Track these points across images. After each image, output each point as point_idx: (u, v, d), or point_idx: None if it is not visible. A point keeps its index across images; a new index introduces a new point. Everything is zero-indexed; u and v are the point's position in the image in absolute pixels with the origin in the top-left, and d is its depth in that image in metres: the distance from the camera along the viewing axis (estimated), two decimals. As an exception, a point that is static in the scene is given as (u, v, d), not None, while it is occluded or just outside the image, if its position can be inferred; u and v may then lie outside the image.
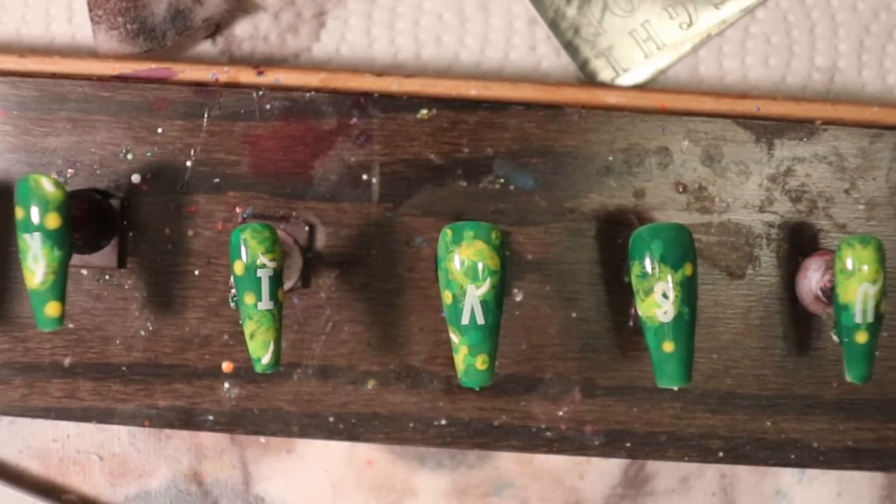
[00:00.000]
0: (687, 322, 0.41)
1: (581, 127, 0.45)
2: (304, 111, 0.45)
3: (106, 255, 0.45)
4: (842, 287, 0.41)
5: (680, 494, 0.50)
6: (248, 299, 0.40)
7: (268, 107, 0.45)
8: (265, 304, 0.40)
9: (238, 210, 0.45)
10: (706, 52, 0.48)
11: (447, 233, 0.40)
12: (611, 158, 0.45)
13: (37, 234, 0.40)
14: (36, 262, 0.40)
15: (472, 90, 0.45)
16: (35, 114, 0.45)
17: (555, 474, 0.50)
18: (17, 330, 0.46)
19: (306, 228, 0.45)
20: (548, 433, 0.46)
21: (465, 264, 0.39)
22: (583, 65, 0.47)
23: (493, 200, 0.45)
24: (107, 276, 0.46)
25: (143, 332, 0.46)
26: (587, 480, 0.50)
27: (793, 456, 0.46)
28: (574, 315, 0.46)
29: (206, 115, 0.45)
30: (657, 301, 0.41)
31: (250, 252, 0.40)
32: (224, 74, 0.45)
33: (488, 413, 0.46)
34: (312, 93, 0.45)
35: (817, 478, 0.50)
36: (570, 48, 0.47)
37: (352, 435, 0.46)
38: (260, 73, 0.45)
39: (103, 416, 0.46)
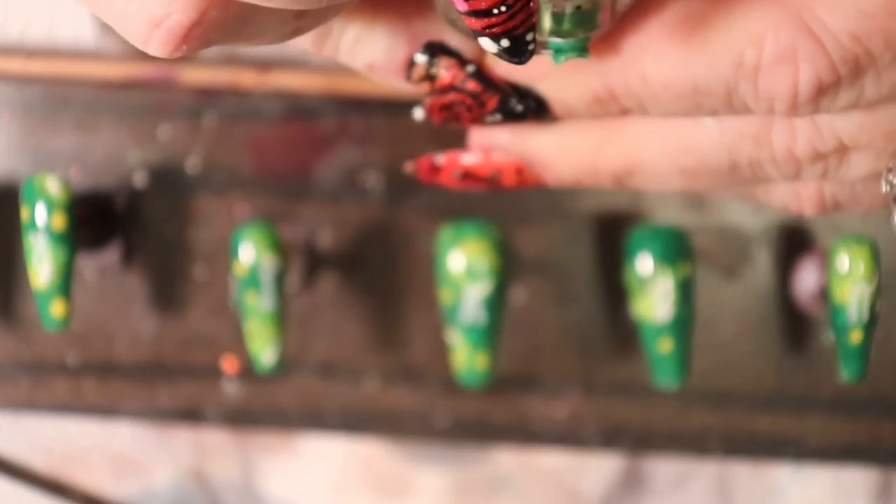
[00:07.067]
0: (684, 322, 0.41)
1: (579, 128, 0.45)
2: (305, 112, 0.45)
3: (109, 255, 0.45)
4: (837, 287, 0.41)
5: (678, 492, 0.50)
6: (250, 299, 0.41)
7: (269, 108, 0.45)
8: (266, 303, 0.41)
9: (239, 210, 0.46)
10: (704, 53, 0.48)
11: (447, 232, 0.40)
12: (609, 159, 0.46)
13: (41, 235, 0.40)
14: (41, 263, 0.40)
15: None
16: (40, 115, 0.45)
17: (554, 473, 0.50)
18: (22, 329, 0.46)
19: (307, 228, 0.46)
20: (547, 431, 0.46)
21: (464, 264, 0.40)
22: (581, 66, 0.48)
23: (493, 200, 0.46)
24: (110, 276, 0.46)
25: (145, 332, 0.46)
26: (586, 479, 0.50)
27: (789, 453, 0.47)
28: (573, 315, 0.46)
29: (207, 117, 0.45)
30: (655, 301, 0.41)
31: (251, 252, 0.40)
32: (225, 76, 0.46)
33: (488, 412, 0.46)
34: (314, 94, 0.45)
35: (814, 476, 0.50)
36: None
37: (352, 434, 0.47)
38: (261, 75, 0.46)
39: (107, 414, 0.46)
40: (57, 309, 0.41)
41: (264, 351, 0.41)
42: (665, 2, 0.23)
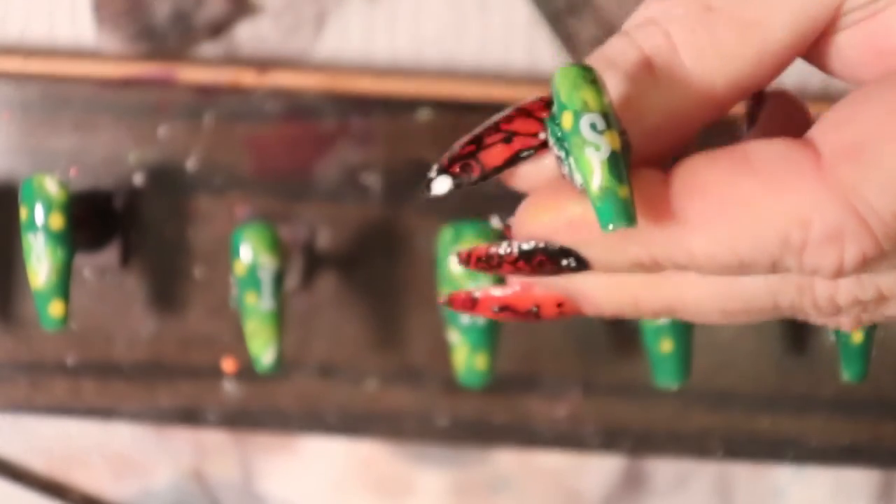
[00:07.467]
0: (684, 322, 0.41)
1: (580, 128, 0.45)
2: (304, 112, 0.45)
3: (108, 255, 0.45)
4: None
5: (678, 493, 0.50)
6: (250, 299, 0.41)
7: (268, 108, 0.45)
8: (266, 303, 0.41)
9: (239, 210, 0.46)
10: (704, 53, 0.48)
11: (447, 232, 0.40)
12: (609, 159, 0.45)
13: (40, 234, 0.40)
14: (39, 262, 0.40)
15: (472, 91, 0.46)
16: (39, 115, 0.45)
17: (554, 473, 0.50)
18: (21, 329, 0.46)
19: (307, 228, 0.46)
20: (547, 432, 0.46)
21: (464, 264, 0.40)
22: (582, 66, 0.48)
23: (493, 201, 0.45)
24: (109, 276, 0.46)
25: (145, 332, 0.46)
26: (586, 479, 0.50)
27: (790, 453, 0.47)
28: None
29: (207, 117, 0.45)
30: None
31: (251, 252, 0.40)
32: (225, 76, 0.46)
33: (488, 412, 0.46)
34: (313, 94, 0.45)
35: (815, 476, 0.50)
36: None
37: (352, 434, 0.47)
38: (261, 74, 0.46)
39: (106, 415, 0.46)
40: (56, 309, 0.41)
41: (264, 351, 0.41)
42: (712, 179, 0.24)
